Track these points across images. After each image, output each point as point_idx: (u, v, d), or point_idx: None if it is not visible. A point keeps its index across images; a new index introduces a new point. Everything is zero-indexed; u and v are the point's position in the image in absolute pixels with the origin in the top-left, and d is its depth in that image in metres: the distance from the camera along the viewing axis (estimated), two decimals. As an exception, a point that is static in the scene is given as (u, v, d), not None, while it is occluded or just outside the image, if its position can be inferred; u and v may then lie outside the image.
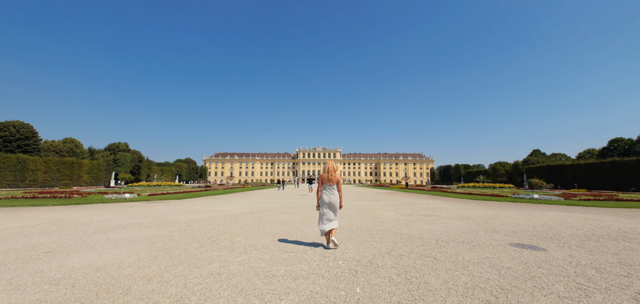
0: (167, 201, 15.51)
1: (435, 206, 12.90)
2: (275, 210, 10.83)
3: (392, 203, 14.34)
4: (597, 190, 39.48)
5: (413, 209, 11.18)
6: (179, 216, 8.94)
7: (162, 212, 9.94)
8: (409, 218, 8.53)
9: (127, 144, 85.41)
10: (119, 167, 77.97)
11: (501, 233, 6.15)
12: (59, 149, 65.43)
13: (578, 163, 55.37)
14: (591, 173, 50.85)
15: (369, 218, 8.49)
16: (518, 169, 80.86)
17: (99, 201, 14.31)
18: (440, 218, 8.50)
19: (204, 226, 6.99)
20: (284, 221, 7.77)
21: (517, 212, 10.17)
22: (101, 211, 10.24)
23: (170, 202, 14.22)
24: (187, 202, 14.75)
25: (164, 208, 11.28)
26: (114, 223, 7.28)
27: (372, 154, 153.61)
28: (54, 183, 55.69)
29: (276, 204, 13.58)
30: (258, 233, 6.04)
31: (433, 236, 5.78)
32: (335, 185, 4.73)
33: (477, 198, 18.05)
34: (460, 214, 9.65)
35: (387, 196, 21.20)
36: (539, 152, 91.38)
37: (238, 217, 8.48)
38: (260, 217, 8.50)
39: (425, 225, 7.18)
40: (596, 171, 50.03)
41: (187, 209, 11.12)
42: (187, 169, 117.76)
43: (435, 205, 13.26)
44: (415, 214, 9.65)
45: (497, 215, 9.25)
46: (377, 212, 10.05)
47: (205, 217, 8.52)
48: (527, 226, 6.96)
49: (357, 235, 5.78)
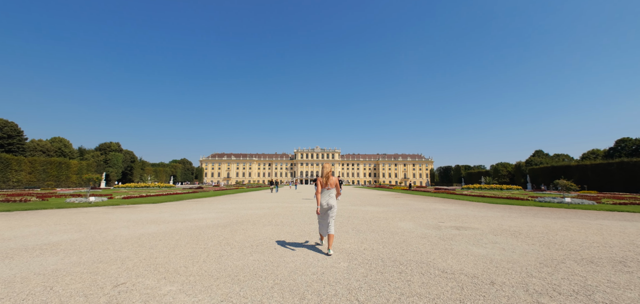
0: (139, 205, 13.14)
1: (459, 213, 10.63)
2: (260, 220, 8.50)
3: (405, 209, 12.06)
4: (606, 192, 37.83)
5: (435, 218, 8.90)
6: (127, 229, 6.59)
7: (111, 222, 7.59)
8: (439, 234, 6.25)
9: (119, 144, 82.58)
10: (110, 167, 75.14)
11: (603, 263, 3.89)
12: (46, 148, 62.57)
13: (584, 164, 53.61)
14: (598, 174, 49.35)
15: (386, 234, 6.19)
16: (521, 170, 79.06)
17: (54, 206, 11.92)
18: (483, 234, 6.22)
19: (142, 249, 4.67)
20: (264, 241, 5.45)
21: (572, 222, 7.90)
22: (31, 220, 7.86)
23: (138, 208, 11.85)
24: (160, 207, 12.38)
25: (120, 217, 8.92)
26: (21, 243, 4.93)
27: (371, 155, 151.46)
28: (39, 184, 53.03)
29: (265, 211, 11.26)
30: (212, 269, 3.71)
31: (505, 274, 3.49)
32: (334, 188, 4.76)
33: (496, 202, 15.82)
34: (502, 225, 7.37)
35: (394, 199, 18.90)
36: (542, 153, 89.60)
37: (202, 233, 6.15)
38: (234, 233, 6.17)
39: (473, 248, 4.89)
40: (603, 172, 48.41)
41: (150, 217, 8.77)
42: (182, 170, 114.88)
43: (458, 212, 10.98)
44: (443, 226, 7.35)
45: (552, 228, 6.99)
46: (392, 224, 7.74)
47: (161, 232, 6.20)
48: (622, 249, 4.70)
49: (380, 276, 3.46)
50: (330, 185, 4.71)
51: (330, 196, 4.67)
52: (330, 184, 4.71)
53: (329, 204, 4.60)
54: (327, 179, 4.71)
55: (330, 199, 4.64)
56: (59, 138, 68.44)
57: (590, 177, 50.43)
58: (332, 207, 4.61)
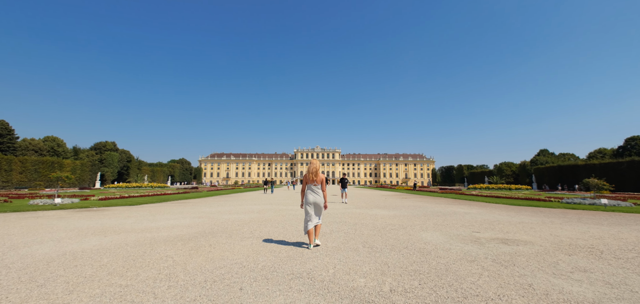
0: (110, 208, 11.32)
1: (487, 217, 8.76)
2: (241, 229, 6.66)
3: (421, 213, 10.20)
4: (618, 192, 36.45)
5: (465, 226, 7.04)
6: (56, 244, 4.77)
7: (48, 233, 5.76)
8: (486, 252, 4.39)
9: (115, 143, 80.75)
10: (105, 167, 73.27)
11: None
12: (38, 147, 60.71)
13: (592, 163, 51.98)
14: (607, 173, 48.14)
15: (413, 254, 4.33)
16: (526, 170, 77.01)
17: (9, 210, 10.10)
18: (548, 252, 4.37)
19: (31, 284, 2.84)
20: (231, 269, 3.60)
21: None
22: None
23: (106, 212, 10.03)
24: (131, 211, 10.56)
25: (70, 224, 7.09)
26: None
27: (372, 155, 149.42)
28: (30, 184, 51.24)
29: (253, 215, 9.43)
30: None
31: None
32: (320, 185, 4.85)
33: (519, 204, 13.94)
34: (559, 237, 5.51)
35: (402, 201, 17.04)
36: (547, 152, 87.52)
37: (148, 254, 4.29)
38: (194, 253, 4.30)
39: (562, 284, 3.03)
40: (613, 171, 47.16)
41: (107, 225, 6.94)
42: (180, 170, 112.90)
43: (485, 216, 9.11)
44: (483, 239, 5.50)
45: (630, 240, 5.14)
46: (414, 235, 5.89)
47: (95, 249, 4.37)
48: None
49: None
50: (318, 181, 4.85)
51: (317, 193, 4.81)
52: (318, 180, 4.84)
53: (316, 200, 4.77)
54: (313, 175, 4.81)
55: (317, 196, 4.80)
56: (53, 137, 66.59)
57: (599, 176, 49.03)
58: (319, 203, 4.79)
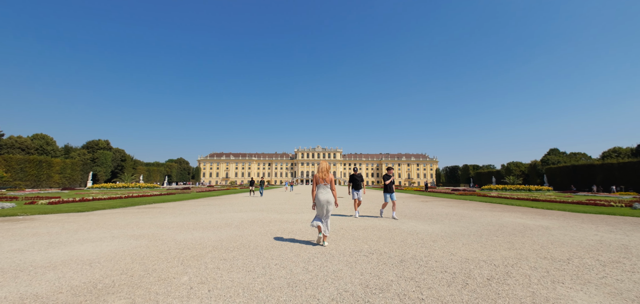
0: (39, 217, 8.43)
1: (602, 240, 5.81)
2: (179, 274, 3.75)
3: (475, 229, 7.22)
4: (639, 192, 33.70)
5: (565, 256, 4.10)
6: None
7: None
8: None
9: (108, 141, 77.85)
10: (98, 166, 70.38)
11: None
12: (25, 146, 57.95)
13: (609, 163, 48.91)
14: (626, 173, 45.41)
15: None
16: (536, 169, 73.64)
17: None
18: None
19: None
20: None
21: None
22: None
23: (33, 222, 7.13)
24: (84, 219, 7.65)
25: None
26: None
27: (374, 155, 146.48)
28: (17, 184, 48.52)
29: (223, 235, 6.48)
30: None
31: None
32: (329, 184, 5.02)
33: (574, 209, 10.86)
34: None
35: (431, 207, 13.83)
36: (558, 152, 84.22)
37: None
38: None
39: None
40: (632, 170, 44.34)
41: None
42: (178, 170, 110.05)
43: (593, 236, 6.15)
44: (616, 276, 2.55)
45: None
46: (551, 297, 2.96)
47: None
48: None
49: None
50: (327, 181, 4.99)
51: (327, 192, 4.95)
52: (327, 180, 5.01)
53: (327, 199, 4.88)
54: (324, 175, 5.01)
55: (328, 194, 4.92)
56: (41, 135, 63.80)
57: (617, 176, 46.15)
58: (330, 201, 4.89)
